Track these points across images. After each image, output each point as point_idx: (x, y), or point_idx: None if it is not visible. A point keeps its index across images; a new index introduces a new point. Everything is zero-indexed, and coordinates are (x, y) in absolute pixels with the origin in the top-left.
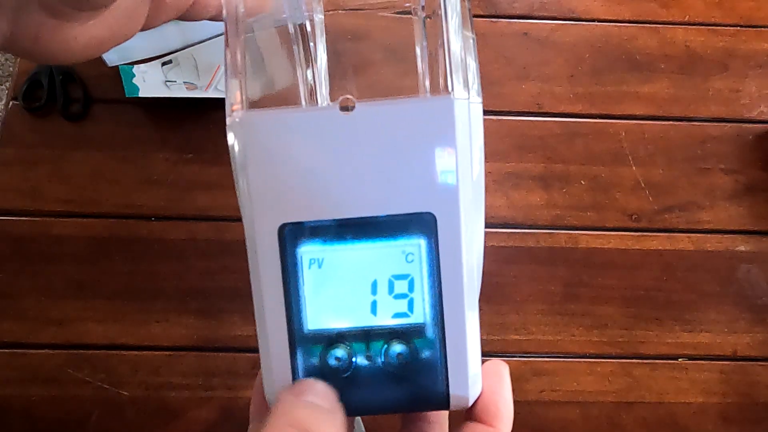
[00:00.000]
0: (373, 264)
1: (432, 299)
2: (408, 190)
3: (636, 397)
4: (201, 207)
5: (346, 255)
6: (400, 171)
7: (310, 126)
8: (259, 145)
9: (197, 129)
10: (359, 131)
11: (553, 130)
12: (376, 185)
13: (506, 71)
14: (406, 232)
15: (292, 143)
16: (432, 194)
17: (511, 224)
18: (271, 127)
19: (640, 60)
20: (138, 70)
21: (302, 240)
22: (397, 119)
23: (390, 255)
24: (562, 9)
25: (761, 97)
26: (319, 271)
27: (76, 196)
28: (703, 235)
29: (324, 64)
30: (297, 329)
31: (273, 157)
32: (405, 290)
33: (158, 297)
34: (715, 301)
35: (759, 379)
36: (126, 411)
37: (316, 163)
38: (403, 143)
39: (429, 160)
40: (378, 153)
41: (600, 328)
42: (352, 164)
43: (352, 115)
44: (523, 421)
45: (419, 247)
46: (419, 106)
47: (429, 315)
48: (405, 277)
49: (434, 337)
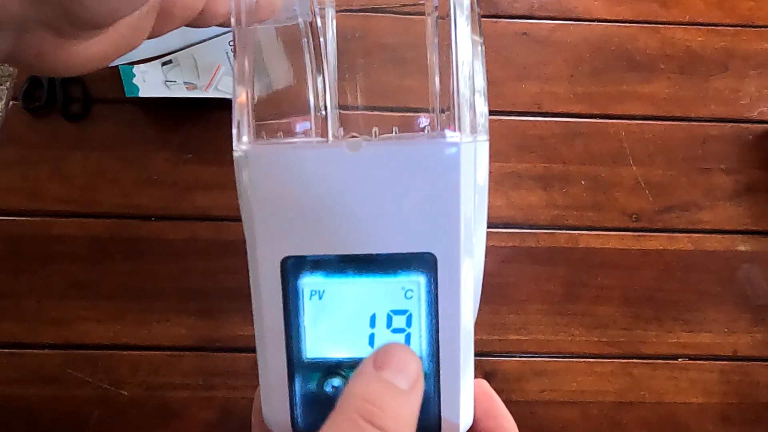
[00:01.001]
0: (372, 298)
1: (429, 335)
2: (410, 230)
3: (636, 397)
4: (201, 207)
5: (346, 288)
6: (404, 211)
7: (317, 163)
8: (266, 179)
9: (197, 129)
10: (366, 170)
11: (553, 130)
12: (380, 224)
13: (506, 71)
14: (406, 269)
15: (298, 179)
16: (433, 235)
17: (511, 224)
18: (278, 163)
19: (640, 60)
20: (138, 70)
21: (304, 272)
22: (404, 161)
23: (390, 290)
24: (562, 9)
25: (761, 97)
26: (320, 303)
27: (76, 196)
28: (703, 235)
29: (334, 61)
30: (296, 357)
31: (279, 192)
32: (403, 325)
33: (158, 297)
34: (715, 301)
35: (759, 379)
36: (126, 411)
37: (322, 199)
38: (408, 184)
39: (433, 202)
40: (383, 192)
41: (600, 328)
42: (357, 202)
43: (360, 155)
44: (523, 421)
45: (418, 285)
46: (426, 149)
47: (425, 349)
48: (403, 312)
49: (429, 371)
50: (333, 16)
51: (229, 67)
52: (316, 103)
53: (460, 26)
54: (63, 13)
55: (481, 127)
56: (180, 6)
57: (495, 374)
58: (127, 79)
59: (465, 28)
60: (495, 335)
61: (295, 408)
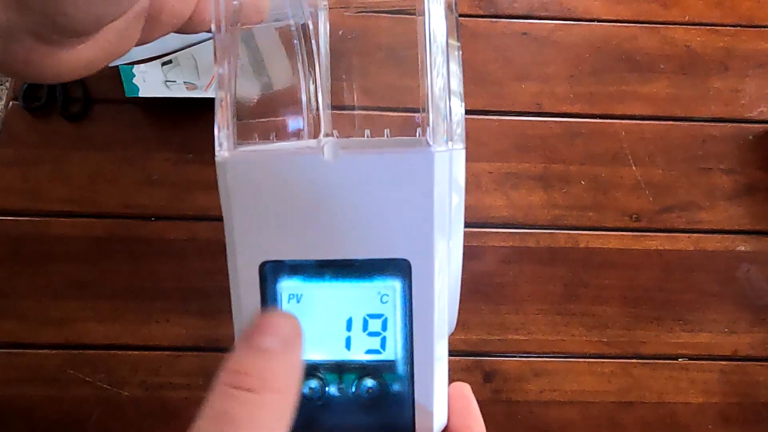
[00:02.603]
0: (349, 302)
1: (404, 338)
2: (386, 237)
3: (636, 397)
4: (201, 207)
5: (324, 292)
6: (379, 218)
7: (295, 170)
8: (245, 185)
9: (197, 129)
10: (343, 178)
11: (553, 130)
12: (356, 230)
13: (506, 71)
14: (382, 274)
15: (277, 185)
16: (408, 242)
17: (511, 224)
18: (258, 169)
19: (640, 60)
20: (138, 70)
21: (282, 276)
22: (380, 169)
23: (366, 295)
24: (562, 9)
25: (761, 97)
26: (297, 306)
27: (76, 196)
28: (703, 235)
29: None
30: None
31: (258, 198)
32: (378, 329)
33: (158, 297)
34: (715, 301)
35: (759, 379)
36: (126, 411)
37: (300, 205)
38: (384, 192)
39: (408, 210)
40: (359, 200)
41: (600, 328)
42: (334, 209)
43: (337, 162)
44: (523, 421)
45: (394, 290)
46: (401, 158)
47: (400, 353)
48: (379, 316)
49: (403, 373)
50: (326, 17)
51: None
52: (309, 103)
53: (434, 30)
54: (47, 21)
55: (458, 135)
56: (167, 13)
57: (495, 374)
58: (127, 79)
59: (439, 31)
60: (495, 335)
61: None
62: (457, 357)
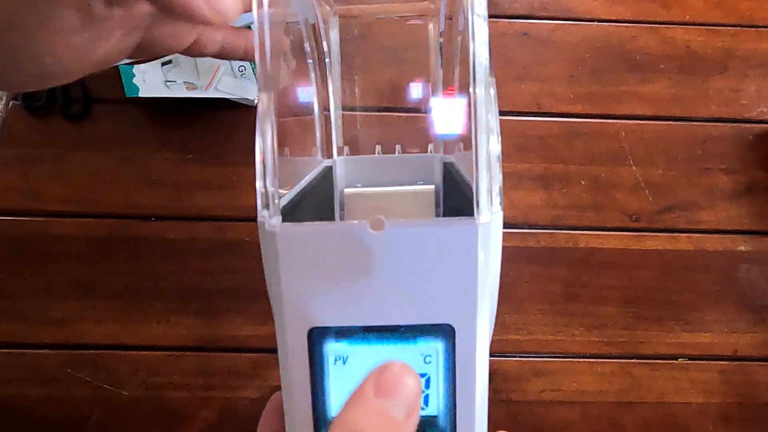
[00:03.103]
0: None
1: (446, 397)
2: (430, 304)
3: (636, 397)
4: (201, 207)
5: (369, 354)
6: (424, 286)
7: (342, 242)
8: (294, 256)
9: (197, 129)
10: (388, 249)
11: (553, 130)
12: (401, 298)
13: (506, 71)
14: (426, 336)
15: (324, 257)
16: (452, 308)
17: (511, 224)
18: (307, 241)
19: (640, 60)
20: (138, 70)
21: (329, 340)
22: (424, 241)
23: (410, 356)
24: (562, 9)
25: (761, 97)
26: (344, 367)
27: (76, 196)
28: (703, 235)
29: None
30: (321, 415)
31: (306, 267)
32: (422, 387)
33: (158, 297)
34: (715, 301)
35: (759, 379)
36: (126, 411)
37: (346, 275)
38: (428, 262)
39: (451, 279)
40: (404, 270)
41: (600, 328)
42: (380, 278)
43: (382, 235)
44: (523, 421)
45: (437, 351)
46: (445, 231)
47: (442, 409)
48: (423, 375)
49: (445, 427)
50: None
51: (228, 68)
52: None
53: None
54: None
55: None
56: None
57: (495, 374)
58: (127, 79)
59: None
60: (495, 335)
61: None
62: None
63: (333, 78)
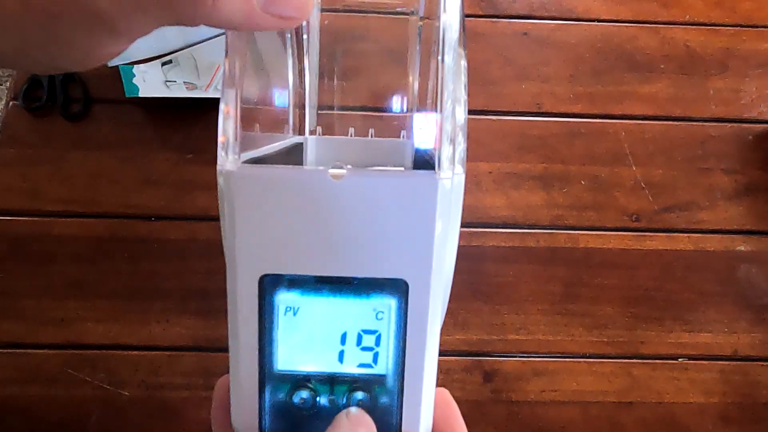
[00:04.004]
0: (345, 317)
1: (395, 354)
2: (385, 257)
3: (636, 397)
4: (201, 207)
5: (320, 306)
6: (380, 238)
7: (300, 188)
8: (250, 199)
9: (197, 129)
10: (346, 198)
11: (553, 130)
12: (357, 249)
13: (506, 71)
14: (379, 292)
15: (281, 201)
16: (407, 264)
17: (511, 224)
18: (263, 185)
19: (640, 60)
20: (138, 70)
21: (280, 289)
22: (383, 191)
23: (362, 311)
24: (562, 9)
25: (761, 97)
26: (294, 319)
27: (76, 196)
28: (703, 235)
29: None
30: (268, 368)
31: (261, 212)
32: (372, 344)
33: (158, 297)
34: (715, 301)
35: (759, 379)
36: (126, 411)
37: (303, 222)
38: (386, 214)
39: (408, 233)
40: (362, 220)
41: (600, 328)
42: (336, 227)
43: (342, 183)
44: (523, 421)
45: (389, 308)
46: (406, 182)
47: (391, 368)
48: (373, 332)
49: (393, 387)
50: (317, 16)
51: None
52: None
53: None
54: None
55: (460, 160)
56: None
57: (495, 374)
58: (127, 79)
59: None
60: (495, 335)
61: (264, 416)
62: (457, 357)
63: (310, 54)
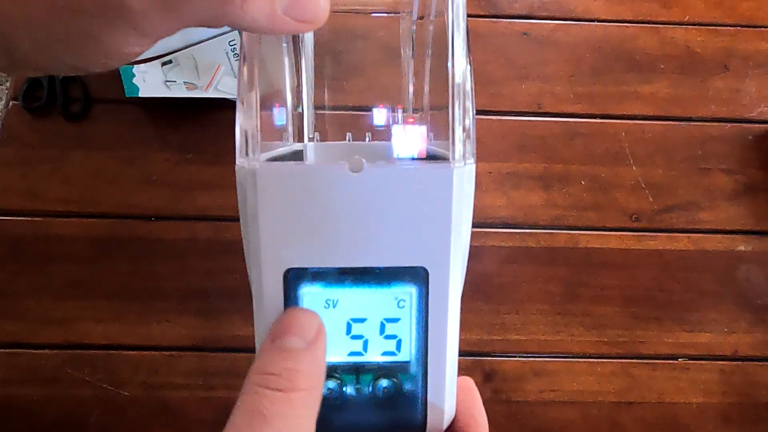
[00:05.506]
0: (367, 307)
1: (418, 341)
2: (405, 246)
3: (636, 397)
4: (201, 207)
5: (344, 297)
6: (399, 228)
7: (321, 182)
8: (273, 195)
9: (197, 129)
10: (366, 190)
11: (553, 130)
12: (377, 240)
13: (506, 71)
14: (399, 281)
15: (302, 196)
16: (426, 251)
17: (511, 224)
18: (286, 180)
19: (640, 60)
20: (138, 70)
21: (305, 282)
22: (401, 182)
23: (383, 300)
24: (562, 9)
25: (761, 97)
26: (318, 311)
27: (76, 196)
28: (703, 235)
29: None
30: None
31: (284, 208)
32: (394, 332)
33: (158, 297)
34: (715, 301)
35: (759, 379)
36: (126, 411)
37: (324, 216)
38: (405, 204)
39: (426, 222)
40: (381, 211)
41: (600, 328)
42: (357, 219)
43: (361, 176)
44: (523, 421)
45: (410, 296)
46: (421, 173)
47: (414, 354)
48: (396, 320)
49: (417, 374)
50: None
51: (229, 67)
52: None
53: (457, 57)
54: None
55: (471, 150)
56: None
57: (495, 374)
58: (127, 79)
59: (462, 58)
60: (495, 335)
61: None
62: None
63: (306, 61)
